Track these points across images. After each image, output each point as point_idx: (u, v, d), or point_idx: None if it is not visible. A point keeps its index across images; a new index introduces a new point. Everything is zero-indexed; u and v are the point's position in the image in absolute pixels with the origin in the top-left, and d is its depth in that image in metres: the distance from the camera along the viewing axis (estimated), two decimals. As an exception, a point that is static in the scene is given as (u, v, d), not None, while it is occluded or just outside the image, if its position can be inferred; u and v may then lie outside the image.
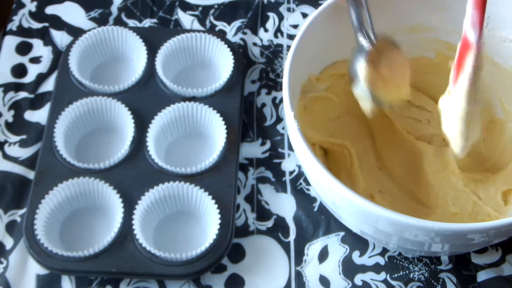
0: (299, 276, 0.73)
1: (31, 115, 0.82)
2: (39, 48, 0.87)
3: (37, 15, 0.90)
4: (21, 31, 0.88)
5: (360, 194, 0.61)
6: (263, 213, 0.77)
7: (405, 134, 0.78)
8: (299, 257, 0.74)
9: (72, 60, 0.82)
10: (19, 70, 0.85)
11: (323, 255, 0.74)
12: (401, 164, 0.77)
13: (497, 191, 0.73)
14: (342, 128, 0.78)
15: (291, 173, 0.79)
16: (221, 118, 0.78)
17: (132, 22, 0.89)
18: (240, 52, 0.85)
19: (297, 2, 0.91)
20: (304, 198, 0.77)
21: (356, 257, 0.74)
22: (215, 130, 0.79)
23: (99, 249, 0.71)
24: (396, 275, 0.73)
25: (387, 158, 0.78)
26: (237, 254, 0.74)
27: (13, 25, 0.89)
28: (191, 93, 0.81)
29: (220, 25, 0.90)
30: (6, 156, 0.79)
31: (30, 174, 0.78)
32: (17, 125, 0.81)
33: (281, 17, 0.90)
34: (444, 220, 0.67)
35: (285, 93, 0.66)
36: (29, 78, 0.85)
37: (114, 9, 0.91)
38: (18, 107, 0.83)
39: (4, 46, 0.87)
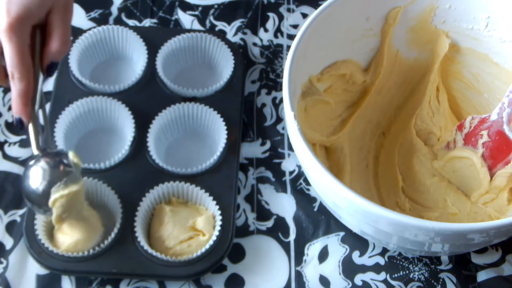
0: (299, 276, 0.73)
1: (31, 115, 0.82)
2: (39, 48, 0.87)
3: (37, 15, 0.90)
4: (21, 31, 0.88)
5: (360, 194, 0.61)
6: (263, 213, 0.77)
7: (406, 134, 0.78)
8: (299, 257, 0.74)
9: (72, 59, 0.82)
10: (19, 70, 0.85)
11: (323, 255, 0.74)
12: (399, 165, 0.77)
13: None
14: (342, 128, 0.78)
15: (291, 173, 0.79)
16: (222, 119, 0.78)
17: (132, 22, 0.89)
18: (240, 52, 0.85)
19: (297, 3, 0.91)
20: (304, 198, 0.77)
21: (356, 257, 0.74)
22: (216, 131, 0.79)
23: (99, 250, 0.71)
24: (396, 275, 0.73)
25: (387, 158, 0.78)
26: (237, 254, 0.74)
27: (13, 25, 0.89)
28: (192, 93, 0.81)
29: (220, 25, 0.90)
30: (6, 156, 0.79)
31: (30, 174, 0.78)
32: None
33: (281, 17, 0.90)
34: (443, 220, 0.67)
35: (285, 93, 0.66)
36: (29, 78, 0.85)
37: (114, 9, 0.91)
38: (18, 107, 0.82)
39: (4, 46, 0.87)
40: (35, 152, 0.66)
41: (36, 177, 0.65)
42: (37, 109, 0.67)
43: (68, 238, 0.70)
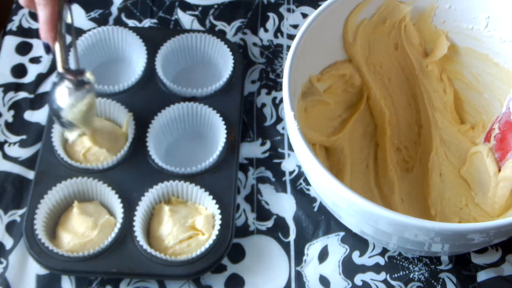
0: (299, 276, 0.73)
1: (31, 115, 0.82)
2: (39, 48, 0.87)
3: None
4: (21, 31, 0.88)
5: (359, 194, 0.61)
6: (263, 213, 0.77)
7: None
8: (299, 257, 0.74)
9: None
10: (19, 70, 0.85)
11: (323, 255, 0.74)
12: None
13: None
14: (342, 129, 0.78)
15: (291, 173, 0.79)
16: (221, 118, 0.78)
17: (132, 22, 0.89)
18: (240, 52, 0.85)
19: (297, 3, 0.91)
20: (304, 198, 0.77)
21: (356, 257, 0.74)
22: (215, 130, 0.79)
23: (99, 250, 0.71)
24: (396, 275, 0.73)
25: (386, 158, 0.78)
26: (237, 254, 0.74)
27: (13, 25, 0.89)
28: (191, 93, 0.81)
29: (220, 25, 0.90)
30: (6, 156, 0.79)
31: (30, 174, 0.78)
32: (17, 125, 0.81)
33: (281, 17, 0.90)
34: (441, 220, 0.67)
35: (285, 93, 0.66)
36: (29, 78, 0.85)
37: (114, 9, 0.91)
38: (18, 107, 0.83)
39: (4, 46, 0.87)
40: (60, 70, 0.71)
41: (63, 96, 0.70)
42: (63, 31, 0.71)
43: (73, 237, 0.71)
